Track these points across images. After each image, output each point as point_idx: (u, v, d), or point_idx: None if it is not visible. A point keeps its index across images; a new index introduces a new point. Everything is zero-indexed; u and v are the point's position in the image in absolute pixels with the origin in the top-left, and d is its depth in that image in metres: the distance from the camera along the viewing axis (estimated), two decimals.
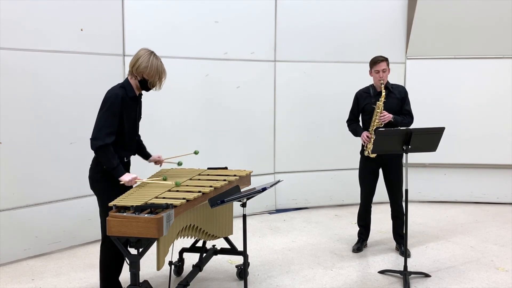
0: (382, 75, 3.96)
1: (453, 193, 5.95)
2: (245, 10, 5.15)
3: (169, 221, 2.59)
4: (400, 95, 4.07)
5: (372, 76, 4.07)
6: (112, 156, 2.89)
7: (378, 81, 3.99)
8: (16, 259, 4.01)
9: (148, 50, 3.01)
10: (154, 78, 2.99)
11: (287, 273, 3.74)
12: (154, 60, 2.97)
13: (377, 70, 3.98)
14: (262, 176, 5.27)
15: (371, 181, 4.17)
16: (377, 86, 4.06)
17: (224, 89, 5.16)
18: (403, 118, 4.02)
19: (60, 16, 4.12)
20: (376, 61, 3.99)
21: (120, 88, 2.99)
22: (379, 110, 3.95)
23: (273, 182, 2.93)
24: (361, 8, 5.54)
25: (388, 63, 4.01)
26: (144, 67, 2.95)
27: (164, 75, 3.04)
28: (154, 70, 2.96)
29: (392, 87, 4.08)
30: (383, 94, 3.95)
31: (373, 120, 4.00)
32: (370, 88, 4.12)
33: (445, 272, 3.75)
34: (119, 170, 2.92)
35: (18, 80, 3.92)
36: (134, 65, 2.97)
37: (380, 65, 3.96)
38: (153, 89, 3.07)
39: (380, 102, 3.96)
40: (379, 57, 4.00)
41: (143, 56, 2.96)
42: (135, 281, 2.65)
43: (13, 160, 3.93)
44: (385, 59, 4.00)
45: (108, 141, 2.86)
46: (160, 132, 4.72)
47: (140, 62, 2.95)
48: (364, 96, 4.12)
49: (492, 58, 5.67)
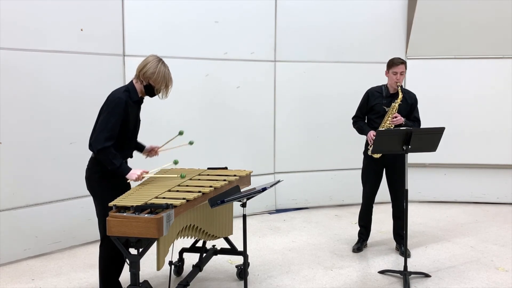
0: (400, 78, 3.96)
1: (453, 193, 5.95)
2: (245, 10, 5.14)
3: (169, 221, 2.59)
4: (410, 101, 4.06)
5: (387, 77, 4.05)
6: (113, 156, 2.88)
7: (395, 83, 3.97)
8: (16, 259, 4.01)
9: (157, 57, 3.02)
10: (160, 85, 3.00)
11: (287, 273, 3.74)
12: (162, 67, 2.98)
13: (395, 71, 3.97)
14: (262, 176, 5.27)
15: (374, 181, 4.17)
16: (391, 87, 4.04)
17: (224, 89, 5.16)
18: (413, 124, 4.01)
19: (60, 16, 4.12)
20: (396, 63, 3.97)
21: (124, 92, 2.99)
22: (394, 111, 3.95)
23: (273, 182, 2.93)
24: (361, 8, 5.54)
25: (406, 67, 4.01)
26: (151, 73, 2.95)
27: (170, 83, 3.06)
28: (161, 77, 2.97)
29: (404, 92, 4.07)
30: (400, 96, 3.94)
31: (384, 121, 3.99)
32: (383, 88, 4.10)
33: (445, 272, 3.75)
34: (123, 169, 2.92)
35: (18, 80, 3.92)
36: (142, 70, 2.98)
37: (399, 67, 3.95)
38: (158, 95, 3.08)
39: (395, 103, 3.95)
40: (399, 59, 3.99)
41: (152, 62, 2.97)
42: (135, 281, 2.65)
43: (13, 160, 3.93)
44: (404, 62, 4.00)
45: (107, 145, 2.86)
46: (160, 132, 4.67)
47: (148, 67, 2.96)
48: (376, 95, 4.10)
49: (492, 58, 5.67)
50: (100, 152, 2.87)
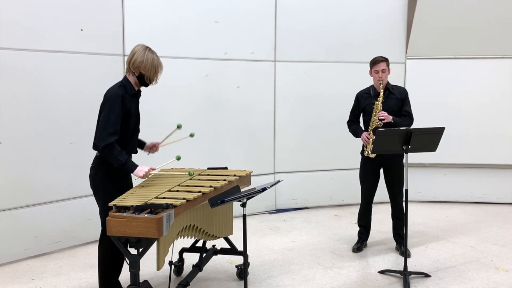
0: (382, 76, 3.96)
1: (453, 193, 5.95)
2: (245, 10, 5.15)
3: (169, 221, 2.59)
4: (400, 96, 4.07)
5: (372, 76, 4.07)
6: (119, 153, 2.89)
7: (377, 81, 3.99)
8: (16, 259, 4.02)
9: (143, 45, 3.02)
10: (150, 72, 3.00)
11: (287, 273, 3.74)
12: (149, 54, 2.99)
13: (376, 70, 3.98)
14: (262, 176, 5.27)
15: (371, 181, 4.17)
16: (376, 86, 4.05)
17: (224, 89, 5.16)
18: (403, 120, 4.01)
19: (60, 16, 4.12)
20: (376, 61, 3.99)
21: (120, 87, 2.99)
22: (378, 109, 3.95)
23: (273, 182, 2.93)
24: (361, 8, 5.54)
25: (388, 64, 4.01)
26: (139, 61, 2.96)
27: (160, 69, 3.05)
28: (149, 64, 2.98)
29: (392, 88, 4.08)
30: (381, 94, 3.95)
31: (372, 120, 4.01)
32: (371, 89, 4.12)
33: (445, 272, 3.75)
34: (129, 165, 2.93)
35: (18, 80, 3.92)
36: (130, 61, 2.99)
37: (379, 66, 3.96)
38: (151, 84, 3.08)
39: (378, 102, 3.96)
40: (379, 58, 4.00)
41: (138, 51, 2.98)
42: (135, 281, 2.65)
43: (13, 160, 3.93)
44: (385, 60, 4.00)
45: (110, 141, 2.86)
46: (160, 132, 4.68)
47: (136, 57, 2.97)
48: (365, 97, 4.12)
49: (492, 58, 5.67)
50: (105, 149, 2.87)
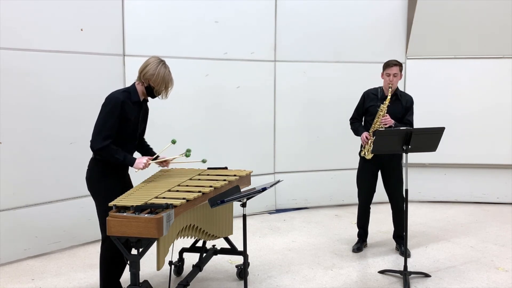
0: (392, 79, 3.94)
1: (453, 193, 5.95)
2: (245, 10, 5.14)
3: (169, 221, 2.59)
4: (406, 104, 4.05)
5: (382, 79, 4.05)
6: (115, 152, 2.91)
7: (387, 84, 3.97)
8: (16, 259, 4.01)
9: (158, 58, 3.02)
10: (160, 87, 3.01)
11: (287, 273, 3.74)
12: (162, 68, 2.99)
13: (388, 73, 3.96)
14: (262, 176, 5.27)
15: (369, 182, 4.16)
16: (385, 89, 4.04)
17: (224, 89, 5.16)
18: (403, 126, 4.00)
19: (60, 16, 4.11)
20: (389, 64, 3.96)
21: (123, 92, 3.01)
22: (382, 113, 3.95)
23: (273, 182, 2.93)
24: (361, 8, 5.54)
25: (401, 69, 3.98)
26: (150, 74, 2.97)
27: (170, 85, 3.06)
28: (160, 79, 2.98)
29: (400, 95, 4.06)
30: (388, 98, 3.93)
31: (375, 122, 4.00)
32: (379, 90, 4.10)
33: (445, 272, 3.75)
34: (128, 161, 2.96)
35: (18, 80, 3.92)
36: (142, 71, 3.00)
37: (392, 69, 3.94)
38: (158, 97, 3.09)
39: (384, 105, 3.95)
40: (393, 61, 3.98)
41: (152, 64, 2.98)
42: (135, 281, 2.65)
43: (13, 160, 3.93)
44: (399, 64, 3.96)
45: (105, 144, 2.88)
46: (160, 131, 4.70)
47: (148, 69, 2.97)
48: (371, 97, 4.10)
49: (492, 58, 5.68)
50: (101, 151, 2.90)
